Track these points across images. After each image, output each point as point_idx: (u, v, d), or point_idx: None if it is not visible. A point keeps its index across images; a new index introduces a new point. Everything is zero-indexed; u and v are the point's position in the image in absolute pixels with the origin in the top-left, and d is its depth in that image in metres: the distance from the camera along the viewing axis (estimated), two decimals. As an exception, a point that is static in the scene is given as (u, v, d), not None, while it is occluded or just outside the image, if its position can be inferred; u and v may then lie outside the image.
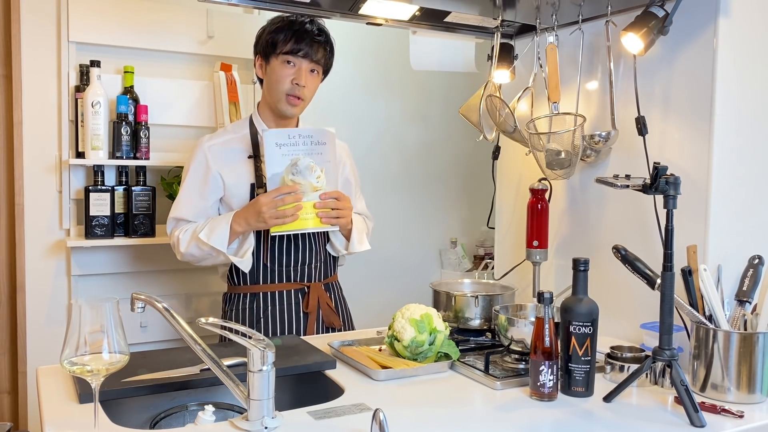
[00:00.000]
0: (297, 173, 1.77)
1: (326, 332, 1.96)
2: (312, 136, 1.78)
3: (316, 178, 1.78)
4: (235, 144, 1.92)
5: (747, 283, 1.46)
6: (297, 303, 1.93)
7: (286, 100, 1.87)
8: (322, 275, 1.98)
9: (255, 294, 1.92)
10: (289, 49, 1.83)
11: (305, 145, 1.78)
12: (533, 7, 1.81)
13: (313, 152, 1.79)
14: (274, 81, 1.87)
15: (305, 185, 1.78)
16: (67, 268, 2.33)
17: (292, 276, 1.92)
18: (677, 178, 1.30)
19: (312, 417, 1.21)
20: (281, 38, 1.84)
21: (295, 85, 1.85)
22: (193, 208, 1.89)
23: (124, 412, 1.32)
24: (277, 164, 1.78)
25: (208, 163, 1.89)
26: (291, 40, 1.84)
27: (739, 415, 1.26)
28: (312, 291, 1.94)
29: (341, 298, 2.06)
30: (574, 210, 1.93)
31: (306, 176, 1.77)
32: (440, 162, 3.28)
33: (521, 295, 1.99)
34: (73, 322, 1.07)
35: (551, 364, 1.31)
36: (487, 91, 1.97)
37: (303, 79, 1.85)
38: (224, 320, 1.17)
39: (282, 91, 1.86)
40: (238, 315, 1.93)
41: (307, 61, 1.86)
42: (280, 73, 1.85)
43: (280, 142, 1.77)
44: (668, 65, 1.65)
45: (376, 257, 2.98)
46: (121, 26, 2.34)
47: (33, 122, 2.26)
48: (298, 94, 1.86)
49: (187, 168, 1.93)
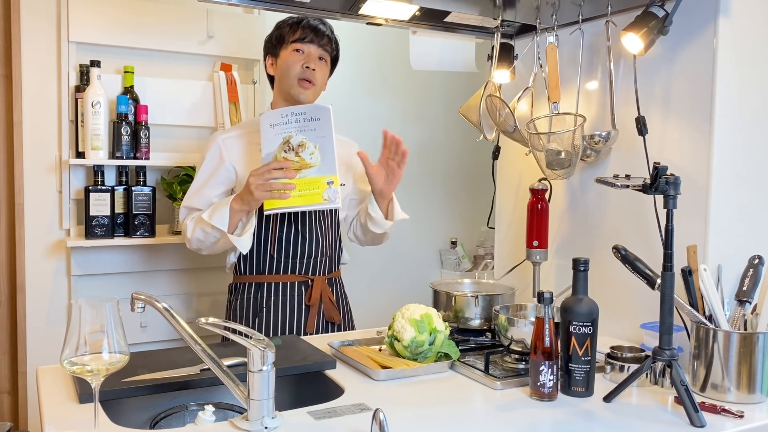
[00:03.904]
0: (289, 150, 1.76)
1: (326, 326, 1.99)
2: (305, 112, 1.77)
3: (310, 154, 1.77)
4: (248, 137, 1.96)
5: (747, 283, 1.46)
6: (300, 295, 1.95)
7: (299, 84, 1.92)
8: (326, 269, 2.00)
9: (260, 284, 1.94)
10: (297, 37, 1.92)
11: (297, 122, 1.77)
12: (533, 7, 1.81)
13: (306, 128, 1.77)
14: (285, 69, 1.93)
15: (298, 162, 1.77)
16: (67, 268, 2.33)
17: (297, 268, 1.94)
18: (677, 178, 1.30)
19: (312, 417, 1.21)
20: (288, 30, 1.94)
21: (305, 69, 1.91)
22: (204, 198, 1.93)
23: (124, 412, 1.32)
24: (270, 144, 1.78)
25: (222, 155, 1.94)
26: (298, 30, 1.92)
27: (739, 415, 1.26)
28: (315, 284, 1.96)
29: (343, 294, 2.09)
30: (574, 210, 1.93)
31: (299, 153, 1.76)
32: (440, 162, 3.28)
33: (521, 295, 1.98)
34: (73, 322, 1.07)
35: (551, 364, 1.31)
36: (487, 91, 1.97)
37: (313, 63, 1.92)
38: (224, 320, 1.17)
39: (294, 76, 1.92)
40: (242, 305, 1.95)
41: (315, 47, 1.93)
42: (290, 60, 1.92)
43: (273, 122, 1.77)
44: (668, 65, 1.65)
45: (376, 257, 2.99)
46: (121, 26, 2.34)
47: (33, 122, 2.26)
48: (309, 77, 1.92)
49: (201, 160, 1.98)
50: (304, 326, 1.94)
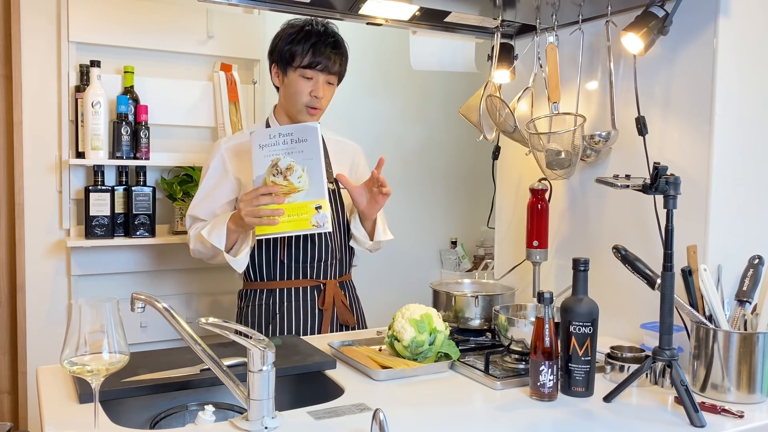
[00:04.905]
0: (277, 174, 1.74)
1: (340, 330, 1.98)
2: (292, 133, 1.74)
3: (298, 177, 1.74)
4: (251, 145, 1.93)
5: (747, 283, 1.46)
6: (312, 300, 1.94)
7: (306, 111, 1.91)
8: (338, 273, 2.00)
9: (271, 290, 1.94)
10: (307, 63, 1.87)
11: (285, 144, 1.74)
12: (533, 7, 1.81)
13: (294, 150, 1.74)
14: (293, 93, 1.91)
15: (286, 186, 1.74)
16: (67, 268, 2.33)
17: (308, 273, 1.94)
18: (677, 178, 1.30)
19: (312, 417, 1.21)
20: (299, 51, 1.87)
21: (313, 98, 1.90)
22: (207, 208, 1.94)
23: (124, 412, 1.32)
24: (260, 166, 1.75)
25: (225, 165, 1.95)
26: (308, 54, 1.87)
27: (739, 415, 1.26)
28: (328, 288, 1.95)
29: (355, 296, 2.08)
30: (574, 210, 1.93)
31: (287, 177, 1.74)
32: (440, 162, 3.28)
33: (521, 295, 1.98)
34: (73, 322, 1.07)
35: (551, 364, 1.31)
36: (487, 91, 1.97)
37: (321, 92, 1.90)
38: (224, 320, 1.17)
39: (301, 103, 1.90)
40: (254, 311, 1.95)
41: (325, 74, 1.90)
42: (299, 87, 1.89)
43: (263, 143, 1.75)
44: (668, 65, 1.65)
45: (376, 257, 2.98)
46: (121, 26, 2.34)
47: (33, 122, 2.26)
48: (316, 105, 1.91)
49: (206, 168, 1.98)
50: (318, 331, 1.93)
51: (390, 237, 2.01)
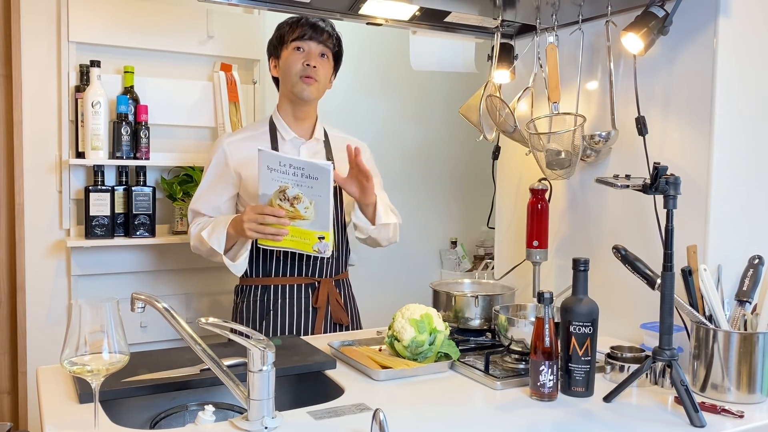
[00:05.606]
0: (284, 200, 1.73)
1: (333, 328, 1.99)
2: (304, 169, 1.71)
3: (305, 208, 1.73)
4: (254, 141, 1.96)
5: (747, 283, 1.46)
6: (307, 297, 1.95)
7: (301, 80, 1.93)
8: (333, 271, 2.00)
9: (266, 286, 1.95)
10: (296, 35, 1.93)
11: (295, 176, 1.71)
12: (533, 7, 1.81)
13: (303, 184, 1.72)
14: (287, 68, 1.95)
15: (292, 212, 1.74)
16: (67, 268, 2.33)
17: (304, 270, 1.95)
18: (677, 178, 1.30)
19: (312, 417, 1.21)
20: (287, 30, 1.95)
21: (306, 66, 1.92)
22: (208, 203, 1.96)
23: (124, 412, 1.32)
24: (266, 186, 1.74)
25: (227, 159, 1.95)
26: (297, 29, 1.93)
27: (739, 415, 1.26)
28: (322, 286, 1.96)
29: (350, 295, 2.09)
30: (574, 210, 1.93)
31: (294, 204, 1.73)
32: (440, 162, 3.28)
33: (521, 295, 1.98)
34: (73, 322, 1.07)
35: (551, 364, 1.31)
36: (487, 91, 1.97)
37: (314, 60, 1.93)
38: (224, 320, 1.17)
39: (296, 74, 1.93)
40: (249, 307, 1.96)
41: (315, 43, 1.94)
42: (292, 59, 1.94)
43: (272, 166, 1.71)
44: (668, 65, 1.65)
45: (376, 257, 2.98)
46: (121, 26, 2.34)
47: (33, 122, 2.26)
48: (310, 74, 1.93)
49: (207, 163, 2.00)
50: (311, 328, 1.94)
51: (394, 220, 2.00)
